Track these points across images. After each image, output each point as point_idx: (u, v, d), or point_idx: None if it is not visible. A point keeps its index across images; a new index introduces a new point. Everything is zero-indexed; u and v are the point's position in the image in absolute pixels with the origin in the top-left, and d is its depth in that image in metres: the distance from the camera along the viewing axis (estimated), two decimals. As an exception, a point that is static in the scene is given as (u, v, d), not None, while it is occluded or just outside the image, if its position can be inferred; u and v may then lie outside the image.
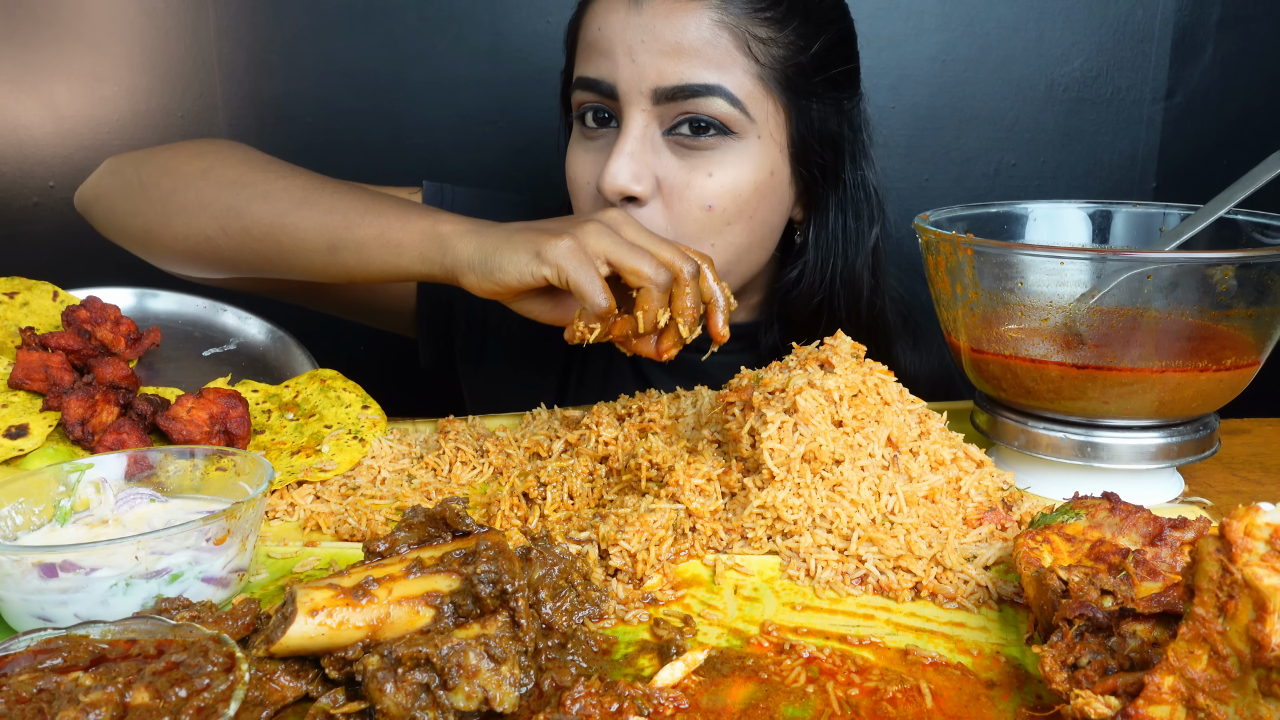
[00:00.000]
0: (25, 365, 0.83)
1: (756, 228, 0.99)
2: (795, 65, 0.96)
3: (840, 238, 1.05)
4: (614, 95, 0.95)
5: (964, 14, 1.54)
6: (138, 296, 1.06)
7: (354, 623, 0.53)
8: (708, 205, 0.95)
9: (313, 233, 0.92)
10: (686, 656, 0.58)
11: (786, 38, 0.95)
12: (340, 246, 0.90)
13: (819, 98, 0.99)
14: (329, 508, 0.81)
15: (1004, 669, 0.58)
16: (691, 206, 0.95)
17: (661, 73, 0.92)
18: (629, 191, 0.93)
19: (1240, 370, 0.78)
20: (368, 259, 0.89)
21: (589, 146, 1.00)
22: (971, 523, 0.73)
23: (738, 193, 0.96)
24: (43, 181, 1.59)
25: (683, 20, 0.91)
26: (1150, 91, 1.58)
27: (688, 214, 0.95)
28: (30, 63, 1.53)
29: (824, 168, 1.02)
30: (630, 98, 0.93)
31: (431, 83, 1.56)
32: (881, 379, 0.78)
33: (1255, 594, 0.41)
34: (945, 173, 1.61)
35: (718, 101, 0.93)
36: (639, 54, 0.92)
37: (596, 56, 0.95)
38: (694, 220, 0.96)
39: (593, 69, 0.96)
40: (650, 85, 0.92)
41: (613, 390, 1.02)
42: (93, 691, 0.48)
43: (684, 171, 0.95)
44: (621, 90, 0.94)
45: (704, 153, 0.95)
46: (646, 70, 0.92)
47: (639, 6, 0.92)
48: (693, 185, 0.95)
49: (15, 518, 0.67)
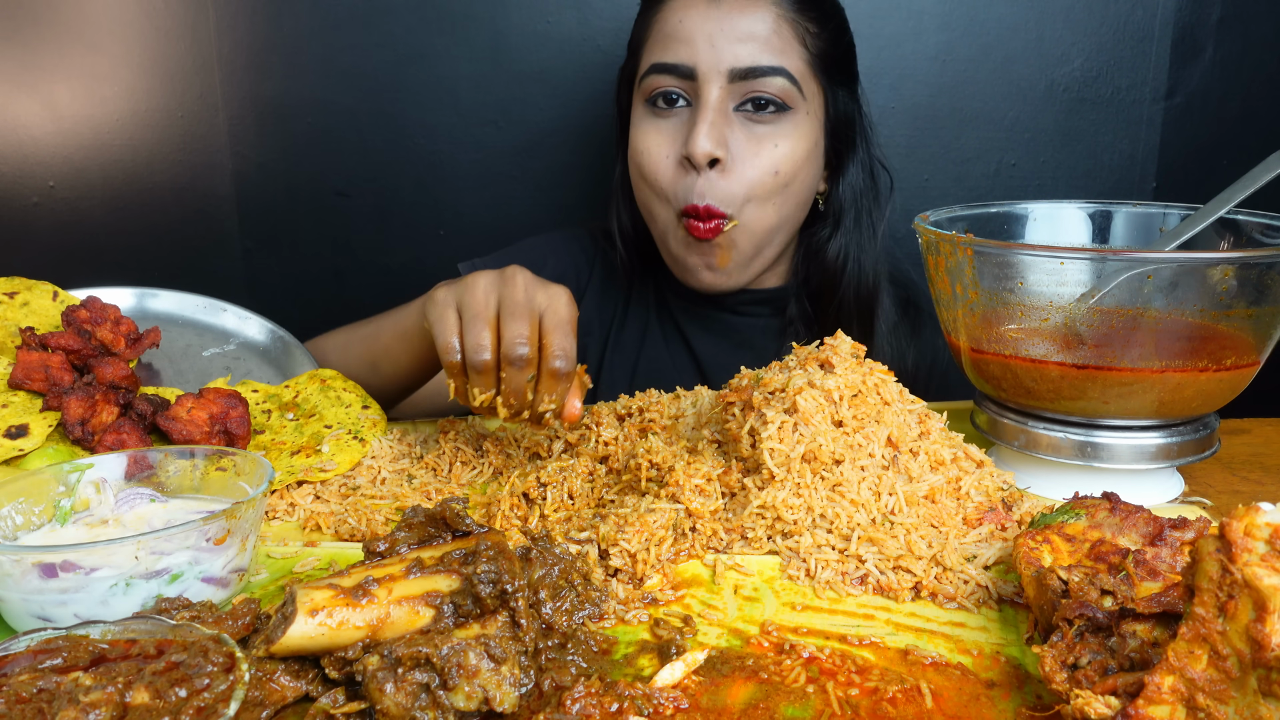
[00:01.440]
0: (25, 365, 0.83)
1: (803, 191, 1.17)
2: (831, 57, 1.16)
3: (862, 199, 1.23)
4: (693, 76, 1.11)
5: (964, 14, 1.54)
6: (138, 296, 1.06)
7: (354, 623, 0.53)
8: (775, 170, 1.12)
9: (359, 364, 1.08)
10: (686, 656, 0.58)
11: (826, 33, 1.15)
12: (377, 361, 1.06)
13: (844, 85, 1.19)
14: (329, 508, 0.81)
15: (1004, 669, 0.58)
16: (762, 172, 1.11)
17: (737, 55, 1.10)
18: (715, 154, 1.09)
19: (1240, 370, 0.78)
20: (396, 358, 1.04)
21: (661, 126, 1.14)
22: (971, 523, 0.73)
23: (795, 159, 1.13)
24: (43, 181, 1.59)
25: (753, 14, 1.11)
26: (1150, 91, 1.58)
27: (759, 179, 1.11)
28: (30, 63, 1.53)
29: (849, 141, 1.21)
30: (709, 77, 1.10)
31: (431, 83, 1.56)
32: (881, 379, 0.78)
33: (1255, 594, 0.41)
34: (945, 173, 1.61)
35: (780, 80, 1.10)
36: (718, 40, 1.10)
37: (676, 44, 1.12)
38: (763, 184, 1.12)
39: (672, 55, 1.12)
40: (727, 66, 1.10)
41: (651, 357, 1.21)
42: (93, 691, 0.48)
43: (752, 142, 1.12)
44: (701, 71, 1.10)
45: (767, 125, 1.12)
46: (724, 54, 1.10)
47: (717, 3, 1.11)
48: (761, 154, 1.11)
49: (15, 518, 0.67)
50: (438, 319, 0.82)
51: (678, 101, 1.13)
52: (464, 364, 0.80)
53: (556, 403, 0.80)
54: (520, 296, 0.81)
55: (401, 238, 1.63)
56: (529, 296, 0.81)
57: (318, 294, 1.65)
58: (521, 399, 0.80)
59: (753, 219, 1.13)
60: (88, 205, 1.60)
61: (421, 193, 1.61)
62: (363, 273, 1.65)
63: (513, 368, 0.78)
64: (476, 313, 0.80)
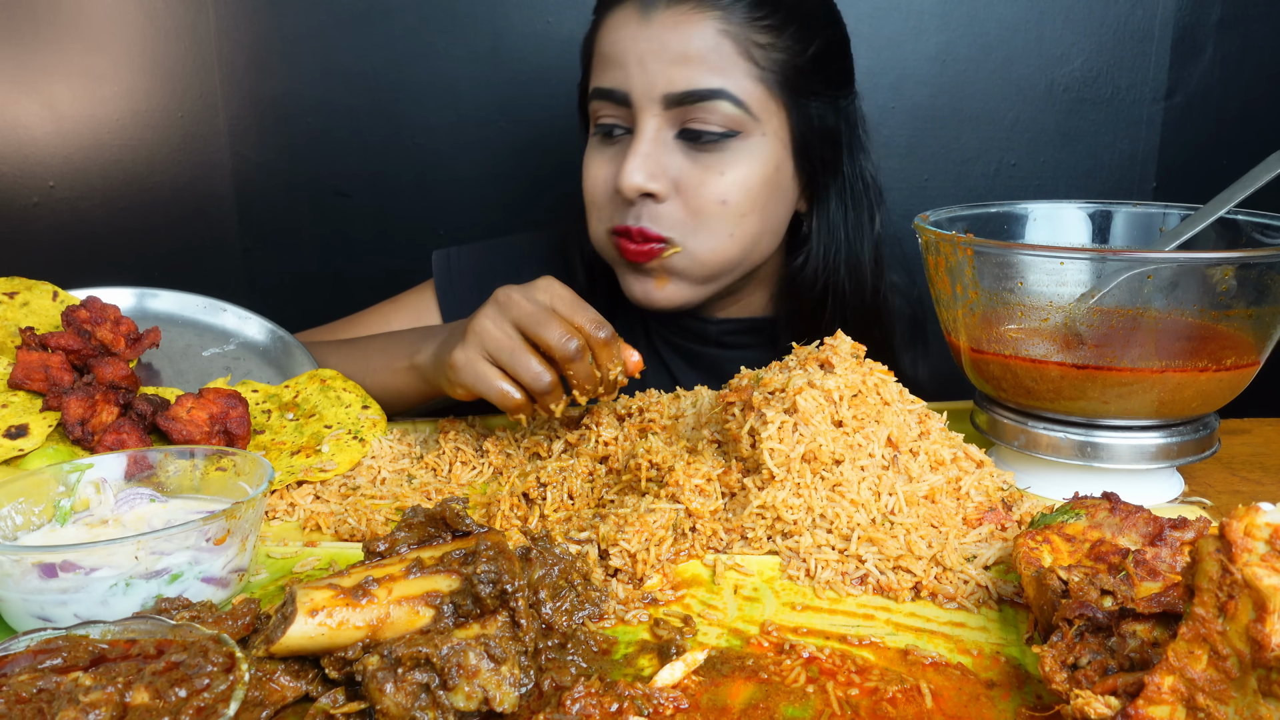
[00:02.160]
0: (25, 365, 0.83)
1: (768, 219, 1.06)
2: (794, 67, 1.03)
3: (842, 225, 1.11)
4: (627, 103, 1.02)
5: (964, 14, 1.54)
6: (138, 296, 1.05)
7: (354, 623, 0.53)
8: (722, 200, 1.02)
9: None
10: (686, 656, 0.58)
11: (784, 42, 1.02)
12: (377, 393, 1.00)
13: (817, 96, 1.06)
14: (329, 508, 0.81)
15: (1004, 669, 0.58)
16: (708, 202, 1.02)
17: (671, 80, 0.99)
18: (646, 189, 1.01)
19: (1240, 370, 0.78)
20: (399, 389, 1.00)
21: (605, 153, 1.07)
22: (971, 523, 0.73)
23: (748, 187, 1.02)
24: (43, 181, 1.59)
25: (688, 30, 0.99)
26: (1150, 91, 1.58)
27: (704, 208, 1.02)
28: (30, 63, 1.53)
29: (824, 161, 1.09)
30: (643, 104, 1.01)
31: (431, 83, 1.56)
32: (881, 379, 0.78)
33: (1255, 594, 0.41)
34: (945, 173, 1.61)
35: (723, 104, 0.99)
36: (649, 63, 1.00)
37: (611, 68, 1.03)
38: (711, 214, 1.02)
39: (608, 79, 1.03)
40: (661, 91, 1.00)
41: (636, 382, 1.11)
42: (93, 691, 0.48)
43: (697, 170, 1.02)
44: (634, 97, 1.01)
45: (714, 153, 1.01)
46: (656, 78, 0.99)
47: (648, 19, 1.00)
48: (707, 183, 1.01)
49: (15, 518, 0.67)
50: (476, 379, 0.84)
51: (617, 128, 1.05)
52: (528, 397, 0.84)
53: (619, 363, 0.84)
54: (530, 307, 0.82)
55: (401, 238, 1.63)
56: (535, 302, 0.83)
57: (318, 294, 1.65)
58: (594, 380, 0.83)
59: (702, 249, 1.03)
60: (88, 205, 1.60)
61: (421, 193, 1.61)
62: (363, 273, 1.65)
63: (575, 363, 0.82)
64: (511, 349, 0.82)
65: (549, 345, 0.81)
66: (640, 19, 1.00)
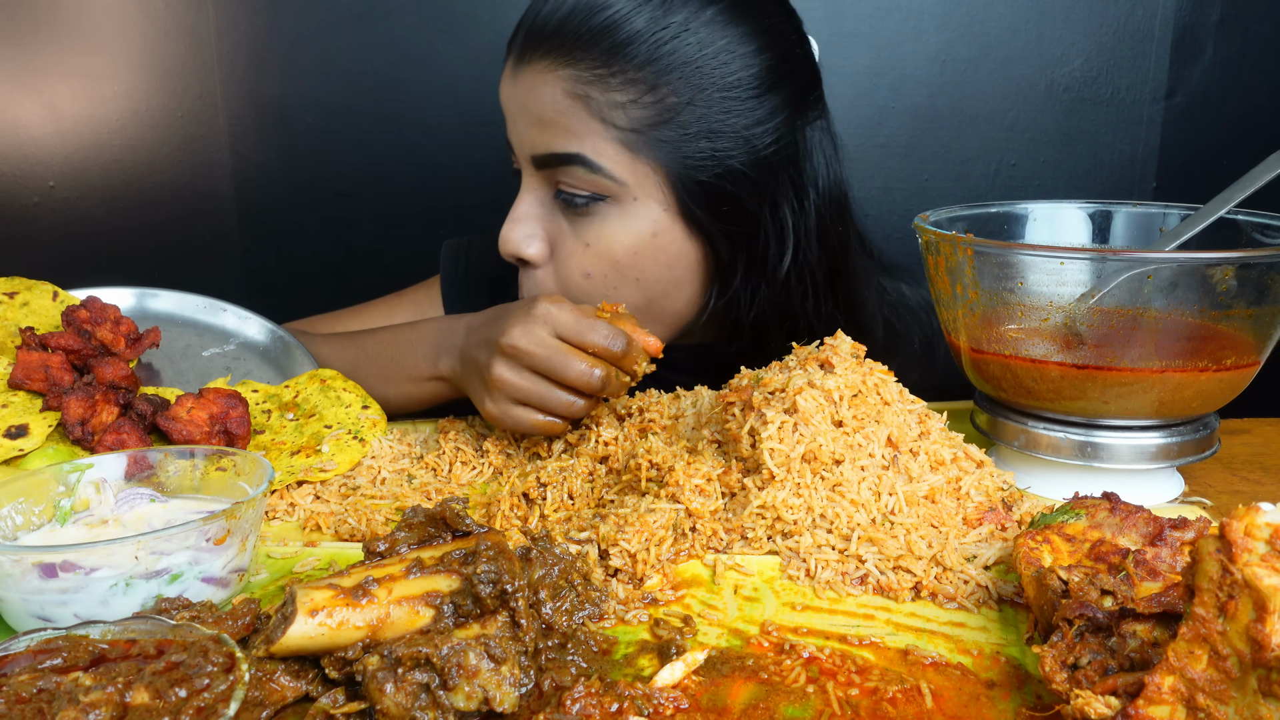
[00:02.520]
0: (25, 365, 0.83)
1: (649, 286, 0.98)
2: (666, 124, 0.92)
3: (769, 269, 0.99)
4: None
5: (964, 14, 1.54)
6: (138, 296, 1.05)
7: (354, 623, 0.53)
8: (586, 273, 0.97)
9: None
10: (686, 656, 0.58)
11: (647, 100, 0.91)
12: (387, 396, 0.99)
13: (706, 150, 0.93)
14: (329, 508, 0.81)
15: (1004, 669, 0.58)
16: (573, 274, 0.98)
17: (533, 141, 0.95)
18: (520, 254, 0.98)
19: (1240, 370, 0.78)
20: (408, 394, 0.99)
21: None
22: (971, 523, 0.73)
23: (613, 258, 0.96)
24: (43, 181, 1.59)
25: (540, 91, 0.93)
26: (1150, 91, 1.58)
27: (570, 280, 0.98)
28: (30, 63, 1.53)
29: (730, 216, 0.96)
30: (521, 161, 0.98)
31: (431, 83, 1.56)
32: (881, 379, 0.78)
33: (1255, 594, 0.41)
34: (945, 173, 1.61)
35: (578, 170, 0.93)
36: (517, 122, 0.97)
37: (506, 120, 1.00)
38: (577, 286, 0.98)
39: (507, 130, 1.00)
40: (528, 153, 0.96)
41: None
42: (93, 691, 0.48)
43: (569, 238, 0.97)
44: (516, 154, 0.99)
45: (586, 218, 0.96)
46: (523, 138, 0.96)
47: (515, 78, 0.96)
48: (574, 254, 0.97)
49: (15, 518, 0.67)
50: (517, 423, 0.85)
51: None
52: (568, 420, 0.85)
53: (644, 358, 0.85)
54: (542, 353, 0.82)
55: (401, 238, 1.63)
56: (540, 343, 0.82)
57: (318, 294, 1.65)
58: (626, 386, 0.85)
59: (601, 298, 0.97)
60: (88, 205, 1.60)
61: (421, 193, 1.61)
62: (363, 273, 1.65)
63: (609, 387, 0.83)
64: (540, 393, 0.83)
65: (577, 384, 0.82)
66: (510, 75, 0.96)
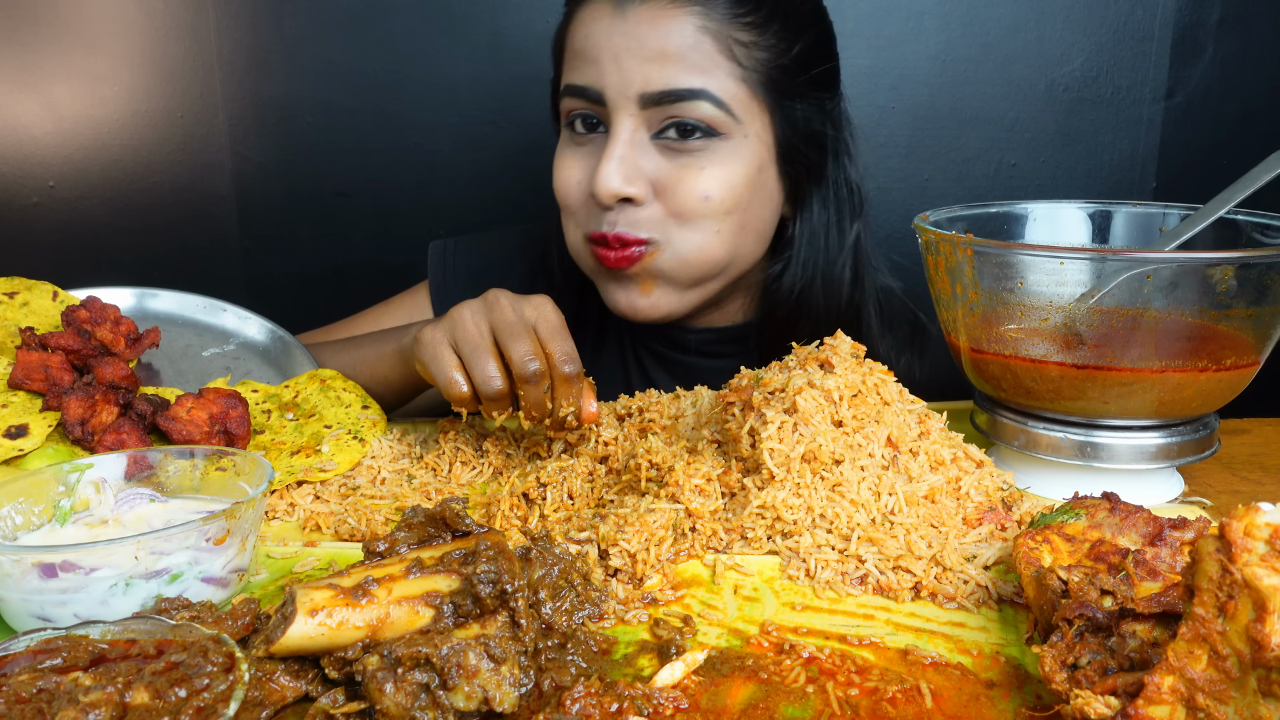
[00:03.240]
0: (25, 365, 0.83)
1: (751, 221, 1.02)
2: (778, 67, 0.98)
3: (823, 233, 1.07)
4: (601, 101, 0.97)
5: (964, 14, 1.54)
6: (138, 296, 1.06)
7: (354, 623, 0.53)
8: (705, 195, 0.97)
9: None
10: (686, 656, 0.58)
11: (768, 41, 0.97)
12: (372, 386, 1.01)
13: (802, 98, 1.01)
14: (329, 508, 0.81)
15: (1004, 669, 0.58)
16: (690, 198, 0.97)
17: (647, 78, 0.94)
18: (623, 193, 0.96)
19: (1240, 370, 0.78)
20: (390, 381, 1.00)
21: (577, 152, 1.02)
22: (971, 523, 0.73)
23: (731, 185, 0.98)
24: (43, 181, 1.59)
25: (666, 26, 0.94)
26: (1150, 91, 1.58)
27: (686, 206, 0.98)
28: (30, 63, 1.53)
29: (809, 165, 1.04)
30: (618, 103, 0.96)
31: (431, 83, 1.56)
32: (881, 379, 0.78)
33: (1255, 594, 0.41)
34: (945, 173, 1.61)
35: (703, 105, 0.95)
36: (625, 60, 0.95)
37: (583, 64, 0.98)
38: (694, 211, 0.98)
39: (580, 76, 0.98)
40: (637, 90, 0.95)
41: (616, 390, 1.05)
42: (93, 691, 0.48)
43: (676, 170, 0.97)
44: (609, 96, 0.96)
45: (694, 154, 0.97)
46: (632, 76, 0.95)
47: (624, 14, 0.95)
48: (685, 180, 0.97)
49: (15, 518, 0.67)
50: (432, 359, 0.82)
51: (598, 126, 1.00)
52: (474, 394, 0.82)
53: (574, 405, 0.82)
54: (511, 316, 0.81)
55: (401, 238, 1.63)
56: (519, 314, 0.81)
57: (318, 294, 1.65)
58: (542, 409, 0.82)
59: (688, 245, 0.99)
60: (88, 205, 1.60)
61: (421, 193, 1.61)
62: (362, 273, 1.65)
63: (529, 385, 0.80)
64: (475, 345, 0.81)
65: (511, 358, 0.80)
66: (615, 13, 0.95)
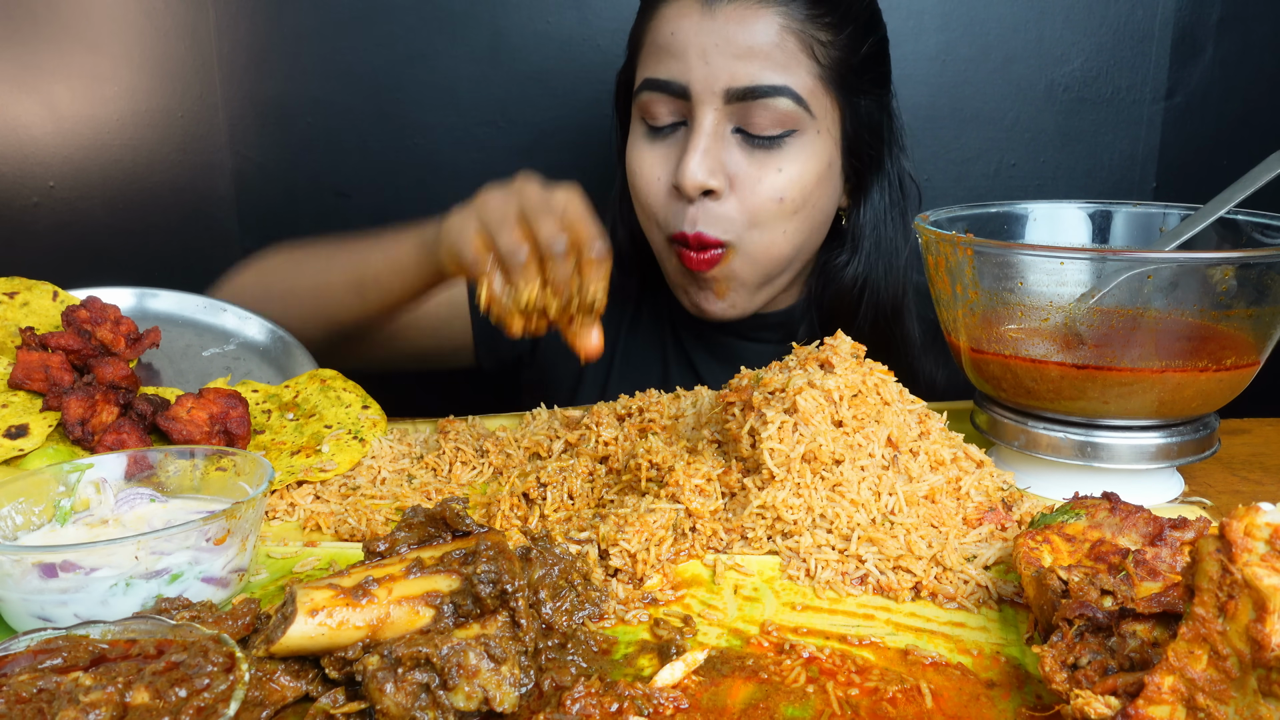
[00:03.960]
0: (25, 365, 0.83)
1: (816, 215, 1.08)
2: (848, 65, 1.04)
3: (884, 222, 1.13)
4: (685, 95, 1.01)
5: (964, 14, 1.54)
6: (138, 296, 1.06)
7: (354, 623, 0.53)
8: (779, 198, 1.02)
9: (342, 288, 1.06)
10: (686, 656, 0.58)
11: (842, 41, 1.03)
12: (364, 288, 1.03)
13: (865, 94, 1.08)
14: (329, 508, 0.81)
15: (1004, 669, 0.58)
16: (764, 199, 1.02)
17: (734, 74, 0.99)
18: (707, 185, 1.00)
19: (1240, 370, 0.78)
20: (387, 286, 1.01)
21: (656, 150, 1.06)
22: (971, 523, 0.73)
23: (804, 184, 1.03)
24: (43, 181, 1.59)
25: (753, 25, 0.99)
26: (1150, 91, 1.58)
27: (761, 206, 1.02)
28: (30, 63, 1.53)
29: (870, 157, 1.10)
30: (703, 98, 1.00)
31: (431, 83, 1.56)
32: (881, 379, 0.78)
33: (1255, 594, 0.41)
34: (945, 173, 1.61)
35: (784, 100, 1.00)
36: (712, 57, 0.99)
37: (668, 59, 1.02)
38: (767, 211, 1.03)
39: (664, 70, 1.02)
40: (723, 86, 0.99)
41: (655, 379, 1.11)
42: (93, 691, 0.48)
43: (754, 167, 1.02)
44: (695, 90, 1.00)
45: (771, 150, 1.02)
46: (719, 72, 0.99)
47: (712, 12, 0.99)
48: (764, 180, 1.02)
49: (15, 518, 0.67)
50: (460, 234, 0.81)
51: (672, 122, 1.05)
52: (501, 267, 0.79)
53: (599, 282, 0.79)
54: (539, 198, 0.80)
55: (401, 238, 1.63)
56: (546, 196, 0.81)
57: (318, 294, 1.64)
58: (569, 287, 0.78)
59: (757, 246, 1.04)
60: (88, 205, 1.60)
61: (421, 193, 1.61)
62: (363, 273, 1.65)
63: (555, 261, 0.77)
64: (501, 219, 0.79)
65: (539, 235, 0.78)
66: (703, 10, 1.00)
